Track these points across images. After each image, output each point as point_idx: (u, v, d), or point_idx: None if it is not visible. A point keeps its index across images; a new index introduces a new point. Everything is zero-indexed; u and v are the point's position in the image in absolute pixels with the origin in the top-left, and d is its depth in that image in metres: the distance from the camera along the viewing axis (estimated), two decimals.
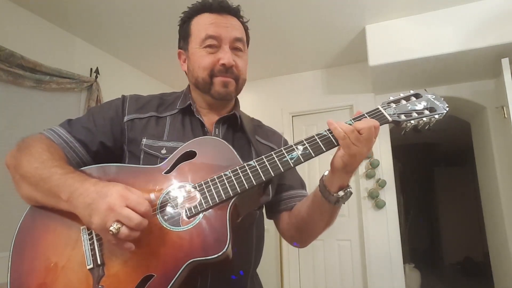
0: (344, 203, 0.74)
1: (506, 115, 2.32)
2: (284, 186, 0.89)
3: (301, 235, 0.86)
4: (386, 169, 2.98)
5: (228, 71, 0.80)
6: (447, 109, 0.74)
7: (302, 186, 0.93)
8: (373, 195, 2.92)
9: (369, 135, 0.66)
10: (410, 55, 2.45)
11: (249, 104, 3.45)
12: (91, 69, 2.68)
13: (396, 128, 0.75)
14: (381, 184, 2.91)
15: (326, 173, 0.75)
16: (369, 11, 2.41)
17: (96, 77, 2.66)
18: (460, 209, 6.12)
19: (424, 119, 0.73)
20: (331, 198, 0.72)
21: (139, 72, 3.30)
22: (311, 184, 1.83)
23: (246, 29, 0.89)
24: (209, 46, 0.80)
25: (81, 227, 0.66)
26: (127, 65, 3.13)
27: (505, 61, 2.30)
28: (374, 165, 2.96)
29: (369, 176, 2.97)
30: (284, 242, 3.16)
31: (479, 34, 2.29)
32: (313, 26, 2.57)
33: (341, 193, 0.71)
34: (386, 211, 2.91)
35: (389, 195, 2.93)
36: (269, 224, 0.95)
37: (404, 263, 2.91)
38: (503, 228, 2.66)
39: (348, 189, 0.72)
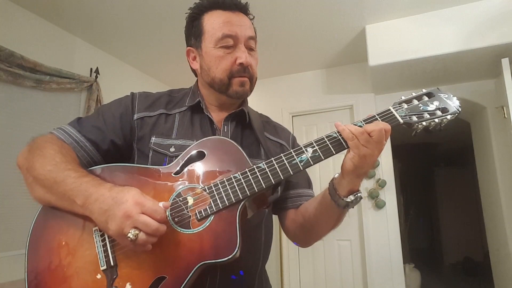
0: (353, 208, 0.72)
1: (506, 115, 2.32)
2: (291, 183, 0.89)
3: (305, 235, 0.85)
4: (386, 169, 2.98)
5: (245, 70, 0.80)
6: (460, 109, 0.72)
7: (309, 185, 0.93)
8: (373, 195, 2.92)
9: (379, 137, 0.65)
10: (410, 55, 2.44)
11: (250, 104, 3.44)
12: (91, 69, 2.67)
13: (406, 129, 0.72)
14: (381, 184, 2.91)
15: (337, 175, 0.73)
16: (369, 11, 2.41)
17: (96, 77, 2.66)
18: (460, 209, 6.12)
19: (436, 120, 0.71)
20: (340, 202, 0.70)
21: (139, 72, 3.29)
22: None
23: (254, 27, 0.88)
24: (225, 46, 0.79)
25: (94, 229, 0.67)
26: (127, 65, 3.13)
27: (505, 61, 2.30)
28: (374, 165, 2.96)
29: (369, 176, 2.97)
30: (284, 242, 3.16)
31: (479, 34, 2.28)
32: (313, 26, 2.57)
33: (351, 197, 0.69)
34: (386, 211, 2.91)
35: (389, 195, 2.93)
36: None
37: (404, 263, 2.91)
38: (503, 228, 2.66)
39: (358, 194, 0.70)
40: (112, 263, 0.64)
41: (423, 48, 2.42)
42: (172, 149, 0.77)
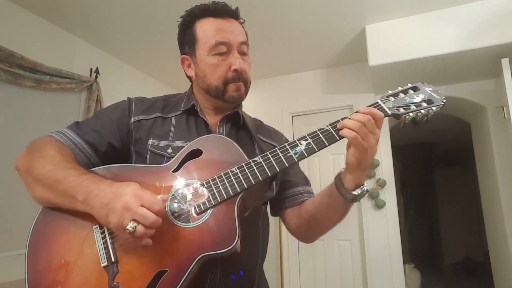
0: (359, 201, 0.74)
1: (506, 115, 2.32)
2: (288, 182, 0.91)
3: (309, 231, 0.87)
4: (386, 169, 2.98)
5: (240, 76, 0.82)
6: (444, 101, 0.76)
7: (307, 182, 0.95)
8: (373, 195, 2.92)
9: (372, 127, 0.68)
10: (410, 55, 2.45)
11: (249, 104, 3.43)
12: (91, 69, 2.67)
13: (395, 121, 0.75)
14: (381, 184, 2.91)
15: (342, 170, 0.75)
16: (369, 11, 2.41)
17: (96, 77, 2.66)
18: (460, 209, 6.12)
19: (422, 111, 0.74)
20: (347, 195, 0.72)
21: (139, 72, 3.29)
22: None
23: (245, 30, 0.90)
24: (219, 53, 0.81)
25: (94, 226, 0.68)
26: (127, 65, 3.13)
27: (505, 61, 2.30)
28: (374, 165, 2.96)
29: (369, 176, 2.97)
30: (284, 242, 3.16)
31: (479, 34, 2.29)
32: (313, 26, 2.57)
33: (358, 191, 0.72)
34: (386, 211, 2.91)
35: (389, 195, 2.93)
36: None
37: (404, 263, 2.91)
38: (503, 228, 2.66)
39: (365, 187, 0.73)
40: (113, 259, 0.65)
41: (423, 48, 2.42)
42: (169, 150, 0.78)
